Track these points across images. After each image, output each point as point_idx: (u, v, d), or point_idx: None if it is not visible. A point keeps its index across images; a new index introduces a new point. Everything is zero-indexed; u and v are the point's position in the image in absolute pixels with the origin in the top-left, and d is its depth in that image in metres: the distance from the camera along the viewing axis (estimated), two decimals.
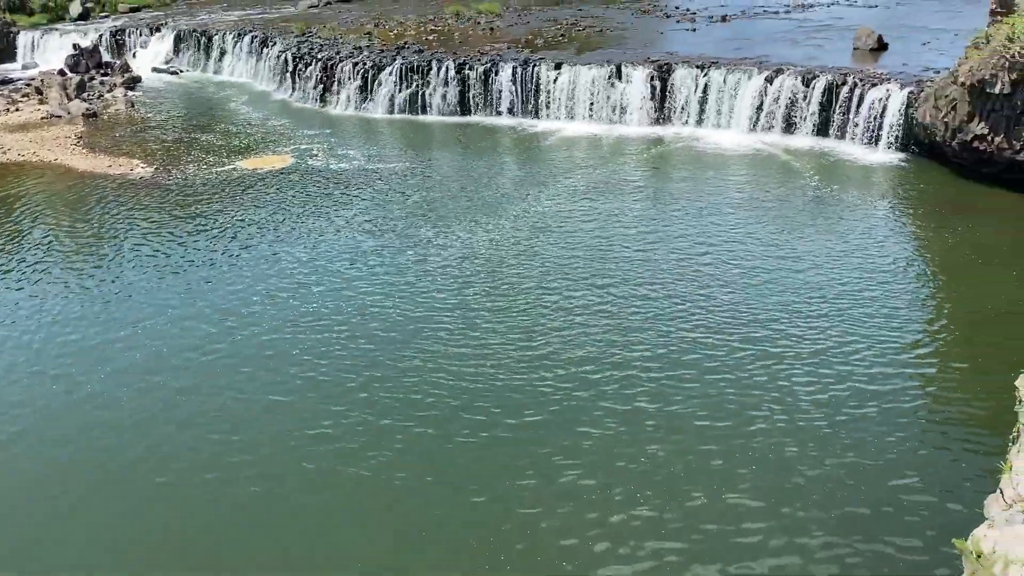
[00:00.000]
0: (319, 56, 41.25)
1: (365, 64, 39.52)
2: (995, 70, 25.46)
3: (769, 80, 32.92)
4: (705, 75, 34.19)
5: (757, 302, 20.13)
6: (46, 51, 50.78)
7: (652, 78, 34.90)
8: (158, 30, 51.26)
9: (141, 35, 51.29)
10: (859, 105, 31.12)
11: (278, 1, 61.00)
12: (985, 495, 9.00)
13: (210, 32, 48.99)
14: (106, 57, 49.22)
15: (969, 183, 27.31)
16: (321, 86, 40.41)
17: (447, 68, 37.88)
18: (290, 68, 42.25)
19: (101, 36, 50.91)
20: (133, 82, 45.55)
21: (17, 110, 40.52)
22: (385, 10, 54.26)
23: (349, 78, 39.53)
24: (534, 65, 36.72)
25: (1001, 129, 26.05)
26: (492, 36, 43.64)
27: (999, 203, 25.80)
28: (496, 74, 37.19)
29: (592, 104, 35.70)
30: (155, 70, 48.40)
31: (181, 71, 48.50)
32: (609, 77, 35.45)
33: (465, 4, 52.48)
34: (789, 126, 32.61)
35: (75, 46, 48.10)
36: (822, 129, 32.06)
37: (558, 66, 36.41)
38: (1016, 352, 17.13)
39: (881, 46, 36.80)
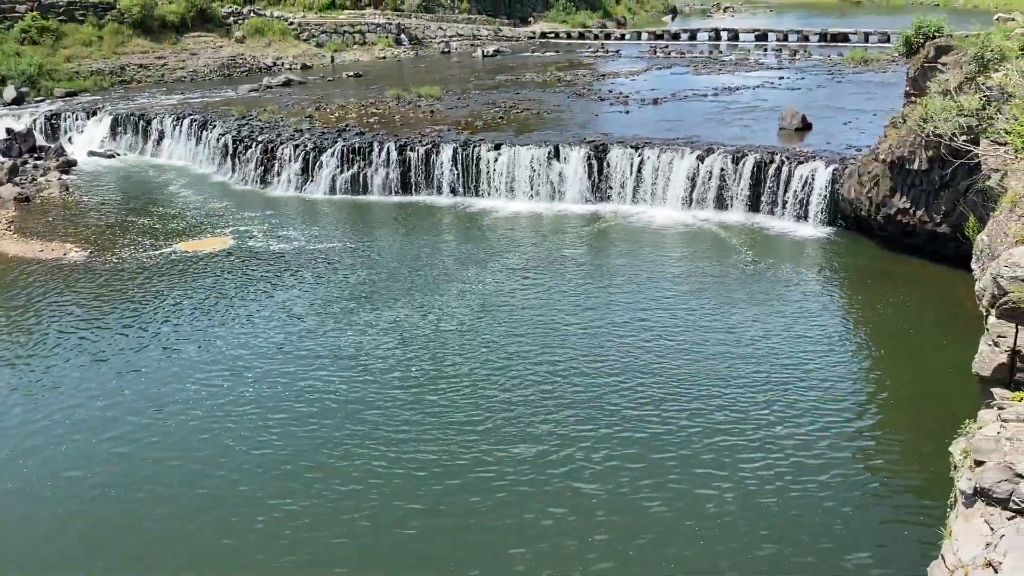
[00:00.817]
0: (259, 139, 41.38)
1: (306, 146, 39.77)
2: (913, 147, 26.82)
3: (700, 159, 34.08)
4: (639, 154, 35.26)
5: (700, 379, 20.33)
6: None
7: (589, 157, 35.84)
8: (95, 114, 50.91)
9: (77, 119, 50.84)
10: (787, 182, 32.35)
11: (218, 85, 61.35)
12: (929, 562, 9.11)
13: (148, 116, 48.84)
14: (40, 141, 48.55)
15: (895, 255, 28.40)
16: (262, 168, 40.44)
17: (388, 149, 38.35)
18: (230, 150, 42.25)
19: (35, 120, 50.32)
20: (68, 166, 44.92)
21: None
22: (326, 94, 54.95)
23: (290, 160, 39.68)
24: (474, 146, 37.43)
25: (921, 203, 27.30)
26: (433, 118, 44.44)
27: (924, 273, 26.84)
28: (437, 155, 37.77)
29: (531, 183, 36.42)
30: (91, 154, 47.88)
31: (118, 154, 48.06)
32: (548, 157, 36.30)
33: (405, 88, 53.49)
34: (721, 203, 33.65)
35: (8, 130, 47.35)
36: (753, 205, 33.16)
37: (498, 146, 37.18)
38: (950, 418, 17.55)
39: (805, 126, 38.53)
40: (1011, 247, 11.60)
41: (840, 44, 77.51)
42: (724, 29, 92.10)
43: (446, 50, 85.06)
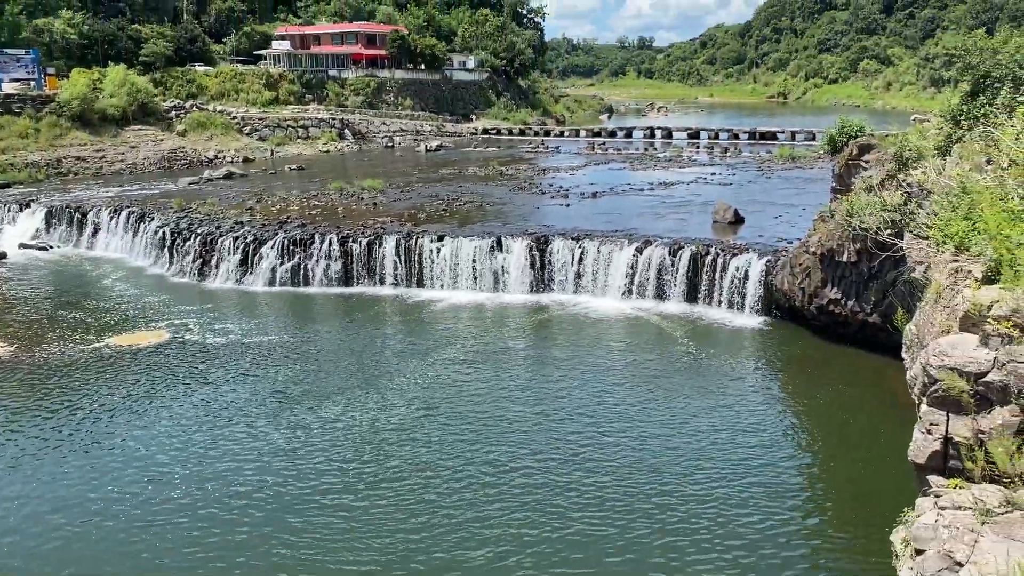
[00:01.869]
0: (198, 231, 40.99)
1: (246, 238, 39.48)
2: (841, 240, 27.83)
3: (639, 251, 34.81)
4: (580, 246, 35.87)
5: (646, 477, 20.02)
6: None
7: (531, 249, 36.32)
8: (28, 206, 49.99)
9: (9, 211, 49.83)
10: (723, 273, 33.15)
11: (158, 178, 61.00)
12: None
13: (84, 208, 48.13)
14: None
15: (829, 344, 29.04)
16: (200, 260, 39.91)
17: (330, 241, 38.31)
18: (168, 243, 41.70)
19: None
20: None
21: None
22: (268, 186, 54.98)
23: (229, 252, 39.28)
24: (417, 237, 37.65)
25: (852, 294, 28.17)
26: (376, 210, 44.71)
27: (857, 362, 27.43)
28: (380, 246, 37.84)
29: (475, 274, 36.64)
30: (23, 246, 46.77)
31: (51, 247, 47.04)
32: (490, 248, 36.66)
33: (348, 181, 53.88)
34: (660, 293, 34.24)
35: None
36: (691, 295, 33.81)
37: (440, 238, 37.46)
38: (892, 506, 17.70)
39: (738, 219, 39.81)
40: (938, 337, 11.96)
41: (769, 142, 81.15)
42: (658, 127, 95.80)
43: (389, 144, 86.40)
